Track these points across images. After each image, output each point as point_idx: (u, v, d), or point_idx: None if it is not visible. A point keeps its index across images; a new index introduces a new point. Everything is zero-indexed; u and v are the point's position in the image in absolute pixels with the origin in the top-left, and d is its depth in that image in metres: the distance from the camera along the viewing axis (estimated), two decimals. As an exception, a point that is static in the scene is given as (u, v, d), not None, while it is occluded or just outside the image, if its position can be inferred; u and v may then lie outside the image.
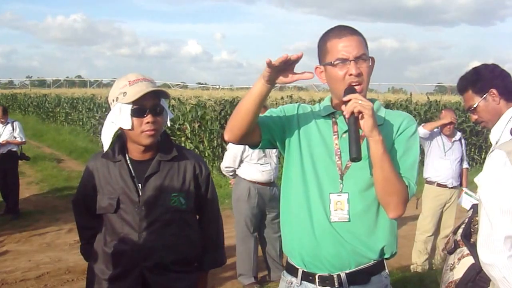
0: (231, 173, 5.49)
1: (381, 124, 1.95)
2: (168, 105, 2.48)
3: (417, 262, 6.00)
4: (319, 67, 2.04)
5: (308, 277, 2.03)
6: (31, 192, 10.35)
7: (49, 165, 13.55)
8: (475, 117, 2.84)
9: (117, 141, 2.47)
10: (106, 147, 2.41)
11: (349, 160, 1.93)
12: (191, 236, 2.50)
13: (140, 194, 2.39)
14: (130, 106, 2.29)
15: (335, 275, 1.99)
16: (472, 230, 2.36)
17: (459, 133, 6.22)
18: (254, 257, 5.42)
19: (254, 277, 5.42)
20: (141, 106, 2.30)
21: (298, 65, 1.84)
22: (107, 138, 2.39)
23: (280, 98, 15.13)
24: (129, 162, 2.43)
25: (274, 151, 5.40)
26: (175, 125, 12.66)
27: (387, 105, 14.58)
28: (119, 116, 2.32)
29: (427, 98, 16.67)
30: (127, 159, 2.44)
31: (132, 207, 2.39)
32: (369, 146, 1.89)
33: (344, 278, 1.98)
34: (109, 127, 2.38)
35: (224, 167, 5.51)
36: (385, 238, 2.00)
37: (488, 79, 2.74)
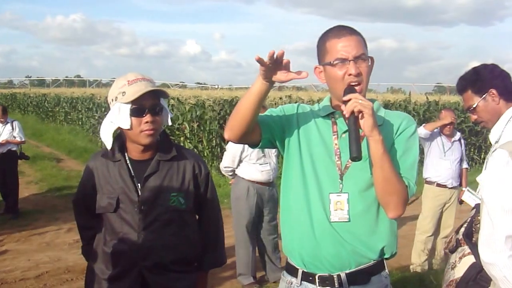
0: (230, 173, 5.49)
1: (381, 125, 1.94)
2: (167, 105, 2.48)
3: (417, 262, 5.99)
4: (318, 67, 2.04)
5: (308, 278, 2.03)
6: (31, 192, 10.34)
7: (49, 165, 13.55)
8: (475, 117, 2.84)
9: (117, 141, 2.47)
10: (109, 146, 2.41)
11: (349, 160, 1.94)
12: (191, 236, 2.50)
13: (140, 194, 2.39)
14: (129, 106, 2.29)
15: (335, 275, 1.98)
16: (474, 229, 2.36)
17: (459, 133, 6.21)
18: (253, 257, 5.41)
19: (253, 277, 5.42)
20: (140, 106, 2.29)
21: (297, 65, 1.84)
22: (108, 137, 2.39)
23: (279, 98, 15.12)
24: (129, 162, 2.43)
25: (274, 151, 5.40)
26: (174, 125, 12.66)
27: (386, 105, 14.57)
28: (118, 116, 2.31)
29: (426, 98, 16.66)
30: (127, 159, 2.43)
31: (132, 207, 2.39)
32: (369, 146, 1.88)
33: (344, 278, 1.98)
34: (108, 127, 2.38)
35: (223, 167, 5.50)
36: (385, 238, 2.00)
37: (488, 79, 2.74)
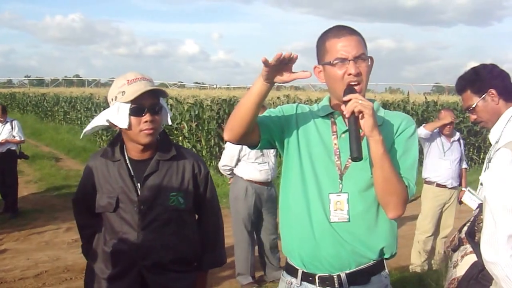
0: (229, 172, 5.49)
1: (381, 125, 1.94)
2: (166, 105, 2.48)
3: (416, 263, 6.00)
4: (318, 67, 2.03)
5: (308, 278, 2.03)
6: (30, 191, 10.34)
7: (48, 164, 13.54)
8: (474, 117, 2.84)
9: (116, 141, 2.47)
10: (86, 129, 2.46)
11: (349, 160, 1.94)
12: (190, 236, 2.49)
13: (139, 194, 2.39)
14: (129, 105, 2.29)
15: (335, 276, 1.98)
16: (476, 228, 2.35)
17: (458, 133, 6.21)
18: (252, 257, 5.41)
19: (252, 277, 5.41)
20: (140, 105, 2.29)
21: (296, 65, 1.84)
22: (91, 127, 2.42)
23: (277, 98, 15.11)
24: (128, 162, 2.43)
25: (272, 151, 5.39)
26: (173, 125, 12.65)
27: (384, 105, 14.55)
28: (117, 115, 2.31)
29: (425, 98, 16.66)
30: (126, 159, 2.43)
31: (131, 206, 2.38)
32: (369, 146, 1.88)
33: (344, 279, 1.98)
34: (98, 121, 2.39)
35: (222, 166, 5.50)
36: (385, 239, 2.00)
37: (487, 79, 2.74)
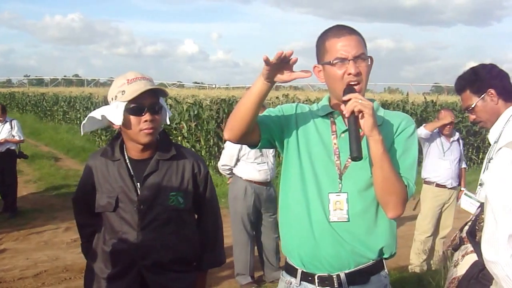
0: (228, 172, 5.49)
1: (380, 124, 1.94)
2: (166, 104, 2.49)
3: (416, 263, 5.99)
4: (318, 66, 2.02)
5: (308, 278, 2.02)
6: (29, 191, 10.33)
7: (47, 164, 13.53)
8: (473, 117, 2.84)
9: (116, 140, 2.47)
10: (83, 122, 2.49)
11: (349, 160, 1.94)
12: (190, 236, 2.50)
13: (139, 193, 2.39)
14: (125, 103, 2.28)
15: (335, 275, 1.98)
16: (477, 228, 2.35)
17: (457, 133, 6.21)
18: (251, 257, 5.41)
19: (251, 277, 5.41)
20: (140, 105, 2.29)
21: (295, 66, 1.84)
22: (87, 120, 2.46)
23: (276, 98, 15.09)
24: (128, 161, 2.43)
25: (271, 151, 5.40)
26: (172, 124, 12.65)
27: (383, 105, 14.54)
28: (113, 112, 2.31)
29: (424, 98, 16.66)
30: (126, 158, 2.43)
31: (131, 206, 2.38)
32: (369, 146, 1.88)
33: (344, 278, 1.97)
34: (95, 114, 2.42)
35: (221, 165, 5.50)
36: (385, 238, 2.00)
37: (486, 79, 2.74)
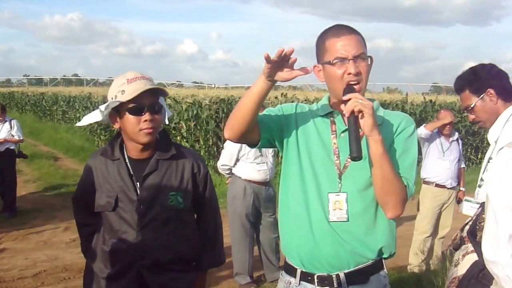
0: (227, 171, 5.49)
1: (380, 124, 1.94)
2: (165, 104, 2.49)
3: (414, 263, 6.00)
4: (317, 66, 2.02)
5: (307, 277, 2.02)
6: (28, 190, 10.33)
7: (46, 163, 13.53)
8: (472, 117, 2.84)
9: (116, 140, 2.47)
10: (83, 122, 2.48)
11: (348, 159, 1.94)
12: (189, 235, 2.49)
13: (138, 193, 2.38)
14: (126, 103, 2.28)
15: (334, 275, 1.98)
16: (478, 227, 2.35)
17: (457, 133, 6.22)
18: (250, 257, 5.40)
19: (250, 277, 5.41)
20: (139, 104, 2.29)
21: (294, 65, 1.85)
22: (88, 119, 2.43)
23: (275, 97, 15.07)
24: (128, 161, 2.43)
25: (271, 151, 5.41)
26: (171, 124, 12.64)
27: (382, 105, 14.47)
28: (104, 109, 2.31)
29: (424, 98, 16.66)
30: (126, 158, 2.43)
31: (131, 206, 2.38)
32: (369, 146, 1.88)
33: (343, 278, 1.98)
34: (96, 113, 2.40)
35: (221, 165, 5.50)
36: (384, 238, 2.00)
37: (486, 79, 2.74)
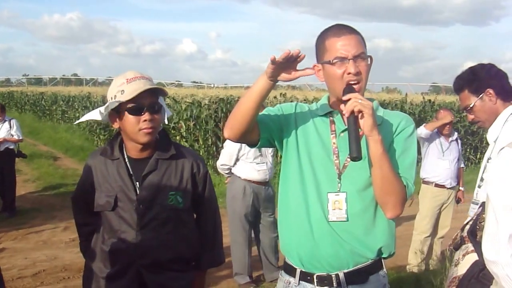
0: (227, 171, 5.48)
1: (380, 124, 1.94)
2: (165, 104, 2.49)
3: (414, 263, 6.00)
4: (317, 66, 2.02)
5: (306, 277, 2.02)
6: (27, 190, 10.34)
7: (45, 163, 13.55)
8: (472, 117, 2.84)
9: (115, 139, 2.47)
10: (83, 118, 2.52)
11: (348, 159, 1.94)
12: (188, 235, 2.49)
13: (138, 192, 2.38)
14: (126, 103, 2.28)
15: (333, 275, 1.98)
16: (478, 227, 2.35)
17: (456, 133, 6.22)
18: (249, 257, 5.41)
19: (250, 277, 5.41)
20: (139, 104, 2.29)
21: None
22: (87, 117, 2.45)
23: (274, 97, 15.08)
24: (127, 160, 2.42)
25: (270, 151, 5.41)
26: (170, 124, 12.63)
27: (382, 105, 14.48)
28: (104, 109, 2.32)
29: (423, 98, 16.66)
30: (125, 157, 2.43)
31: (130, 205, 2.38)
32: (369, 146, 1.88)
33: (343, 278, 1.98)
34: (95, 113, 2.40)
35: (220, 165, 5.50)
36: (383, 238, 2.00)
37: (485, 79, 2.74)
